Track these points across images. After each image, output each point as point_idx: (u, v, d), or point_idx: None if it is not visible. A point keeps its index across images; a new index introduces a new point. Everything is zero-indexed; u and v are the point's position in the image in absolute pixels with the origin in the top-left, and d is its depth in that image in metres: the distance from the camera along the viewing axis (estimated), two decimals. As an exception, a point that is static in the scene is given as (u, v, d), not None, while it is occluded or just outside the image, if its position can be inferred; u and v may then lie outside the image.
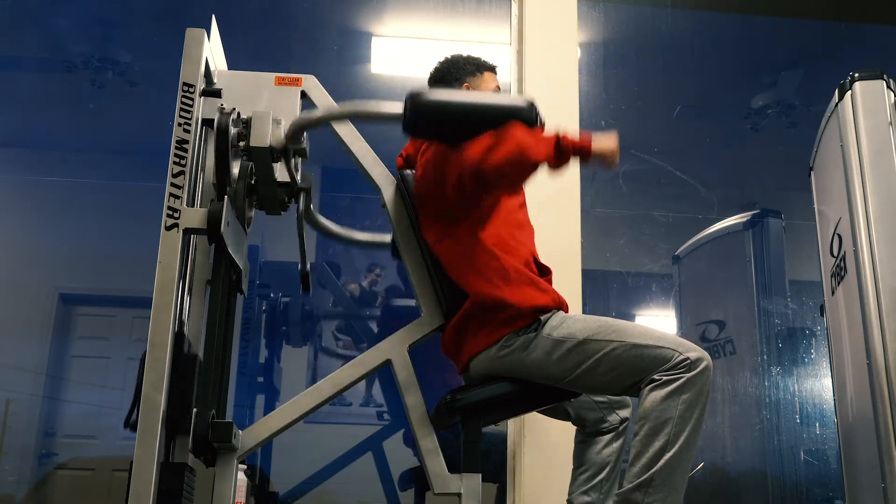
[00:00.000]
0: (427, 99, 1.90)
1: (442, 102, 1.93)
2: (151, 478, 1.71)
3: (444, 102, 1.93)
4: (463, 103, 1.94)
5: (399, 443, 3.69)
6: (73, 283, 4.54)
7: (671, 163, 4.41)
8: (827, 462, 3.85)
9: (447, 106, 1.92)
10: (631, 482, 1.86)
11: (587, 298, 3.24)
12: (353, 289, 4.02)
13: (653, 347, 1.92)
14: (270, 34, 4.36)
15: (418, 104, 1.88)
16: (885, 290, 2.30)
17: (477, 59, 2.34)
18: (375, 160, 2.21)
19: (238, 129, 1.96)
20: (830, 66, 4.72)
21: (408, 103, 1.88)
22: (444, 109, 1.91)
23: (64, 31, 4.50)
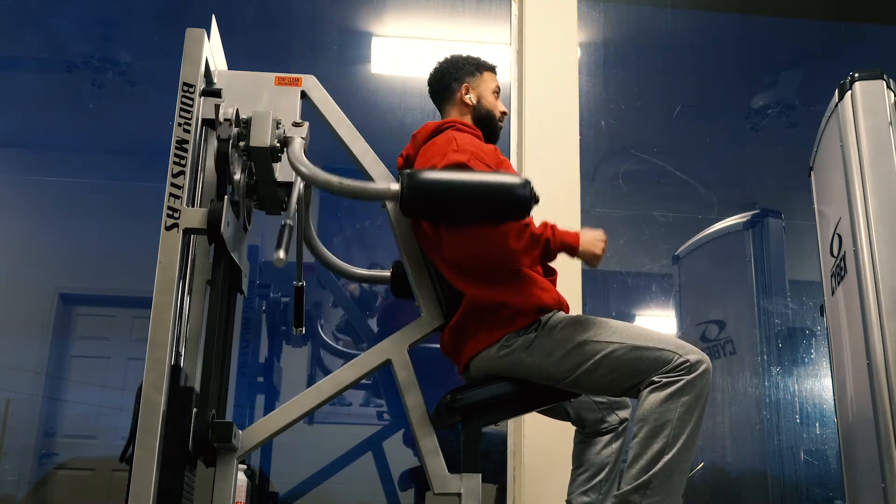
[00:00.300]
0: (423, 178, 1.91)
1: (438, 181, 1.93)
2: (151, 478, 1.71)
3: (439, 181, 1.93)
4: (459, 182, 1.94)
5: (399, 443, 3.69)
6: (73, 283, 4.54)
7: (671, 163, 4.41)
8: (827, 462, 3.85)
9: (443, 185, 1.93)
10: (629, 484, 1.86)
11: (587, 298, 3.24)
12: (353, 289, 4.02)
13: (653, 349, 1.92)
14: (270, 34, 4.36)
15: (415, 183, 1.89)
16: (885, 290, 2.30)
17: (476, 59, 2.35)
18: (375, 160, 2.21)
19: (238, 129, 1.96)
20: (830, 66, 4.72)
21: (404, 182, 1.89)
22: (440, 188, 1.92)
23: (64, 31, 4.50)
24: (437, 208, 1.94)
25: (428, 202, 1.91)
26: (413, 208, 1.91)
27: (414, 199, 1.88)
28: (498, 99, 2.33)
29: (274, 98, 2.18)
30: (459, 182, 1.94)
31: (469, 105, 2.28)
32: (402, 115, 4.10)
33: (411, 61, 4.34)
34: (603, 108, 4.02)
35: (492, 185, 1.93)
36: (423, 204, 1.91)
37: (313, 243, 2.43)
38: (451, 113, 2.29)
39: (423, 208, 1.93)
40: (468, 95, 2.28)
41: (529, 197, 1.90)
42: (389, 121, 4.13)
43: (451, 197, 1.92)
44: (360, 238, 4.16)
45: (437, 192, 1.91)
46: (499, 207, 1.91)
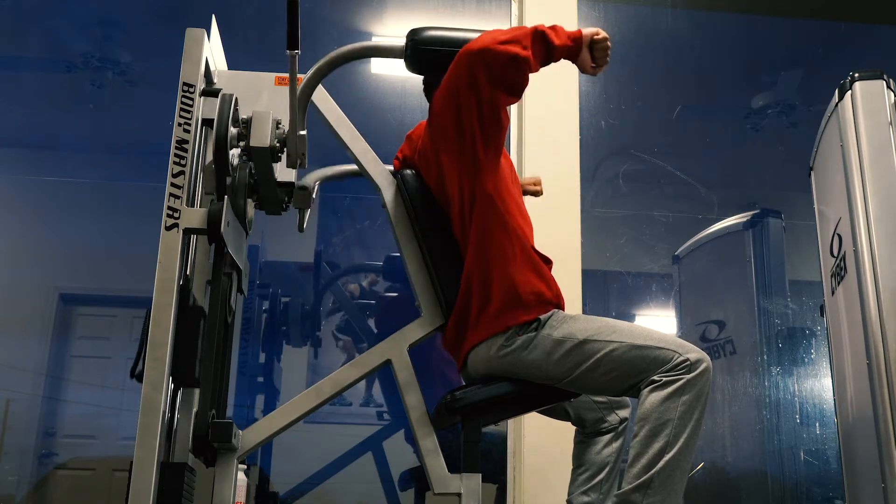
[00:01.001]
0: (426, 34, 2.06)
1: (440, 37, 2.07)
2: (151, 478, 1.71)
3: (441, 37, 2.07)
4: (460, 37, 2.05)
5: (399, 443, 3.69)
6: (73, 283, 4.54)
7: (671, 163, 4.41)
8: (827, 462, 3.85)
9: (445, 39, 2.06)
10: (630, 483, 1.86)
11: (587, 298, 3.24)
12: (353, 289, 4.02)
13: (652, 348, 1.92)
14: (270, 34, 4.36)
15: (418, 39, 2.05)
16: (885, 290, 2.30)
17: None
18: (375, 160, 2.21)
19: (238, 128, 1.96)
20: (830, 66, 4.73)
21: (408, 39, 2.05)
22: (442, 42, 2.06)
23: (64, 32, 4.51)
24: (440, 60, 2.04)
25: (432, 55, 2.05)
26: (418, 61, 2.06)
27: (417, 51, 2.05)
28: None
29: (274, 98, 2.19)
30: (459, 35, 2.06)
31: None
32: (402, 115, 4.10)
33: (411, 61, 4.33)
34: (603, 108, 4.02)
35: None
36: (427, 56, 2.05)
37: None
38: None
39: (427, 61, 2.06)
40: None
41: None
42: (389, 121, 4.14)
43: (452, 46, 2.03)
44: (361, 238, 4.16)
45: (440, 45, 2.05)
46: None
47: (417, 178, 2.15)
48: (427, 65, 2.09)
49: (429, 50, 2.05)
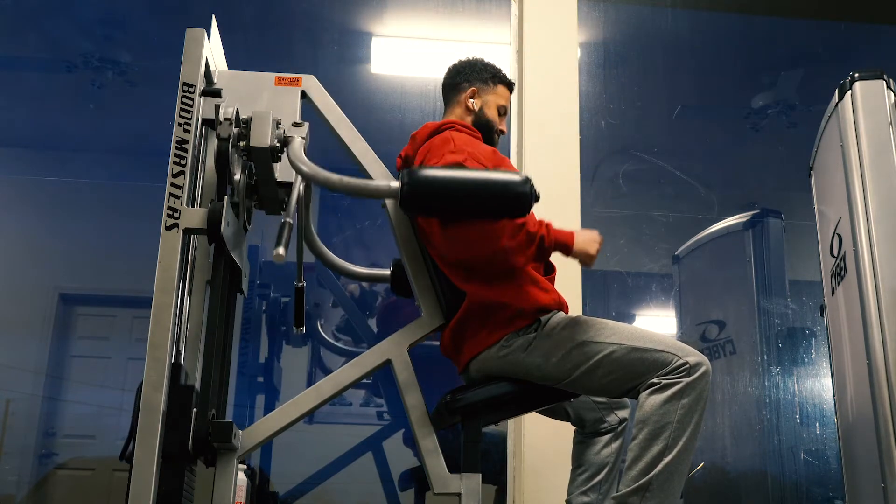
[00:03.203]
0: (423, 175, 1.90)
1: (438, 178, 1.92)
2: (151, 478, 1.71)
3: (440, 178, 1.92)
4: (459, 179, 1.93)
5: (399, 443, 3.69)
6: (73, 283, 4.54)
7: (671, 163, 4.41)
8: (827, 462, 3.85)
9: (443, 182, 1.92)
10: (628, 486, 1.86)
11: (587, 298, 3.24)
12: (353, 289, 4.02)
13: (652, 351, 1.92)
14: (270, 34, 4.36)
15: (415, 181, 1.88)
16: (885, 290, 2.30)
17: (496, 69, 2.32)
18: (375, 160, 2.21)
19: (238, 129, 1.96)
20: (830, 66, 4.72)
21: (405, 180, 1.88)
22: (440, 186, 1.91)
23: (64, 32, 4.51)
24: (438, 206, 1.93)
25: (428, 199, 1.90)
26: (413, 205, 1.91)
27: (414, 196, 1.88)
28: (502, 119, 2.30)
29: (274, 98, 2.18)
30: (460, 179, 1.93)
31: (471, 110, 2.26)
32: (402, 115, 4.10)
33: (411, 61, 4.34)
34: (603, 108, 4.02)
35: (492, 183, 1.92)
36: (423, 201, 1.90)
37: (313, 242, 2.43)
38: (454, 112, 2.29)
39: (423, 205, 1.93)
40: (472, 100, 2.27)
41: (529, 194, 1.89)
42: (389, 121, 4.13)
43: (452, 194, 1.91)
44: (360, 238, 4.16)
45: (437, 190, 1.90)
46: (499, 205, 1.90)
47: (417, 178, 2.14)
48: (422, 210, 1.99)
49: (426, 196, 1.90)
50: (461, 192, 1.91)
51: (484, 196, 1.92)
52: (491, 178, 1.94)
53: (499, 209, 1.91)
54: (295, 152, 1.93)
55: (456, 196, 1.91)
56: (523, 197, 1.88)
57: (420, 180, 1.89)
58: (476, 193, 1.92)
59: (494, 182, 1.92)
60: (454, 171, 1.96)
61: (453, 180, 1.92)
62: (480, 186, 1.92)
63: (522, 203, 1.88)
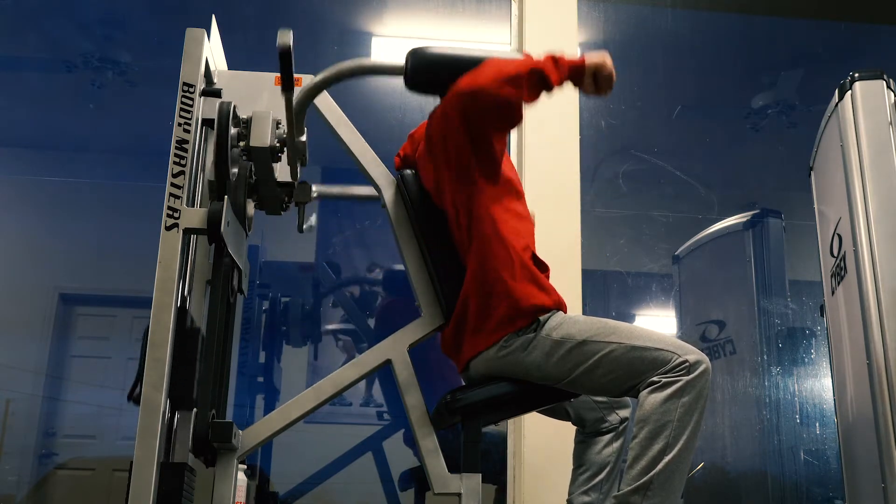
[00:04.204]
0: (426, 53, 2.01)
1: (441, 55, 2.03)
2: (151, 478, 1.71)
3: (442, 55, 2.03)
4: (461, 56, 2.02)
5: (399, 443, 3.69)
6: (73, 283, 4.54)
7: (671, 163, 4.42)
8: (827, 462, 3.85)
9: (446, 59, 2.02)
10: (629, 485, 1.86)
11: (587, 298, 3.24)
12: (353, 289, 4.02)
13: (651, 349, 1.92)
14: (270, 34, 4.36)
15: (418, 58, 2.00)
16: (885, 290, 2.30)
17: None
18: (375, 160, 2.21)
19: (238, 129, 1.96)
20: (830, 66, 4.72)
21: (409, 59, 2.00)
22: (442, 62, 2.01)
23: (64, 31, 4.51)
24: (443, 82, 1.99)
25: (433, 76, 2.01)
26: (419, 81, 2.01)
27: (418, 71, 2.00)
28: None
29: (274, 98, 2.18)
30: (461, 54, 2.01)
31: None
32: (402, 115, 4.10)
33: (411, 61, 4.33)
34: (603, 108, 4.02)
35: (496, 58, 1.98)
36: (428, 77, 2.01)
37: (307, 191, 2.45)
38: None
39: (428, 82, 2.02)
40: None
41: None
42: (389, 121, 4.13)
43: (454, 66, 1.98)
44: (361, 238, 4.16)
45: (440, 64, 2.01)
46: None
47: (417, 178, 2.15)
48: (427, 86, 2.06)
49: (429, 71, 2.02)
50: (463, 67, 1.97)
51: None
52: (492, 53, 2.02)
53: None
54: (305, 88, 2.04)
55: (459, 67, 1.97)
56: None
57: (423, 56, 2.01)
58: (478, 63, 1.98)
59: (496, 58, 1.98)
60: (457, 50, 2.05)
61: (455, 54, 2.02)
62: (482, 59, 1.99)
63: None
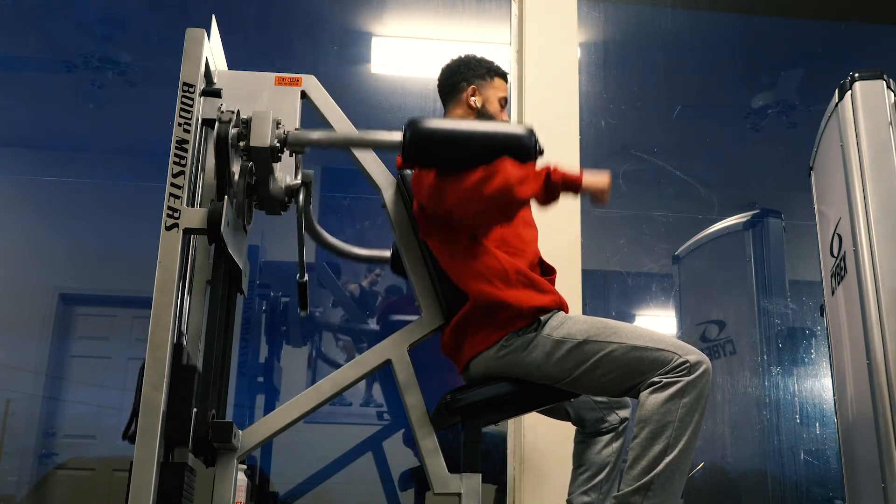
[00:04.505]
0: (426, 127, 1.90)
1: (441, 130, 1.92)
2: (151, 478, 1.71)
3: (442, 130, 1.93)
4: (462, 131, 1.93)
5: (399, 443, 3.69)
6: (73, 283, 4.54)
7: (671, 163, 4.41)
8: (827, 462, 3.85)
9: (446, 134, 1.92)
10: (630, 485, 1.86)
11: (587, 298, 3.24)
12: (353, 289, 4.02)
13: (652, 350, 1.92)
14: (270, 34, 4.36)
15: (417, 132, 1.88)
16: (885, 290, 2.30)
17: (490, 63, 2.32)
18: (375, 160, 2.21)
19: (238, 129, 1.96)
20: (830, 66, 4.72)
21: (407, 131, 1.88)
22: (442, 137, 1.91)
23: (64, 31, 4.51)
24: (441, 157, 1.93)
25: (432, 151, 1.91)
26: (416, 156, 1.91)
27: (418, 146, 1.88)
28: (503, 110, 2.31)
29: (274, 98, 2.18)
30: (463, 130, 1.93)
31: (473, 108, 2.26)
32: (402, 115, 4.10)
33: (411, 61, 4.34)
34: (603, 108, 4.02)
35: (495, 134, 1.92)
36: (426, 152, 1.91)
37: (314, 229, 2.43)
38: (455, 112, 2.28)
39: (426, 157, 1.93)
40: (474, 98, 2.27)
41: (534, 146, 1.88)
42: (389, 121, 4.13)
43: (456, 145, 1.91)
44: (361, 238, 4.16)
45: (441, 141, 1.90)
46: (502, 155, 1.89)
47: (417, 178, 2.14)
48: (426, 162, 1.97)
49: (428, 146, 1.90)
50: (463, 143, 1.91)
51: (487, 147, 1.90)
52: (495, 129, 1.95)
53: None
54: (297, 135, 1.94)
55: (460, 147, 1.90)
56: (527, 148, 1.87)
57: (424, 131, 1.89)
58: (479, 144, 1.91)
59: (498, 133, 1.92)
60: (457, 123, 1.98)
61: (456, 132, 1.93)
62: (483, 137, 1.92)
63: (526, 154, 1.87)
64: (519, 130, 1.90)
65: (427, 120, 1.92)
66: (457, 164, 1.92)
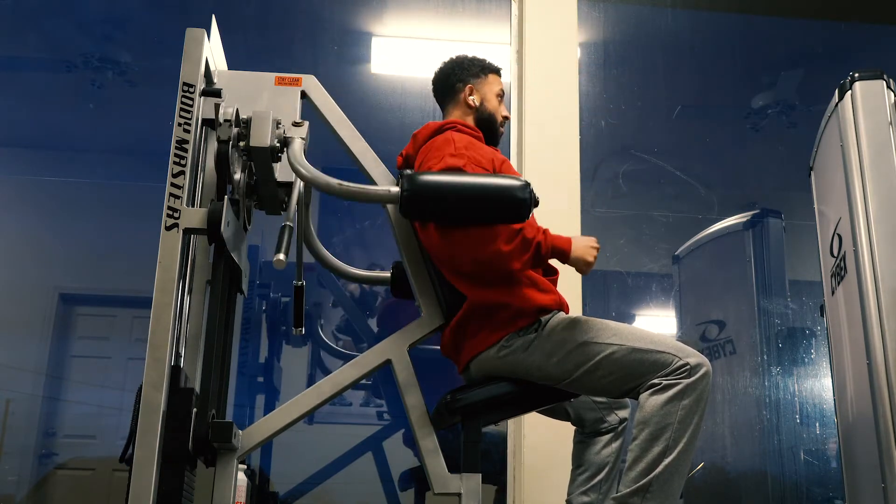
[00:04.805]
0: (423, 181, 1.92)
1: (438, 184, 1.94)
2: (151, 478, 1.71)
3: (440, 184, 1.94)
4: (459, 185, 1.95)
5: (399, 443, 3.69)
6: (73, 283, 4.54)
7: (671, 163, 4.41)
8: (827, 462, 3.85)
9: (443, 187, 1.94)
10: (629, 486, 1.86)
11: (587, 298, 3.24)
12: (353, 289, 4.02)
13: (652, 352, 1.92)
14: (270, 34, 4.36)
15: (414, 186, 1.90)
16: (885, 290, 2.30)
17: (482, 61, 2.33)
18: (375, 160, 2.21)
19: (238, 129, 1.96)
20: (830, 66, 4.72)
21: (404, 185, 1.90)
22: (439, 191, 1.93)
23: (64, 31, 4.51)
24: (437, 211, 1.94)
25: (428, 205, 1.92)
26: (413, 211, 1.93)
27: (414, 201, 1.90)
28: (501, 103, 2.32)
29: (274, 98, 2.18)
30: (459, 185, 1.94)
31: (472, 107, 2.27)
32: (402, 115, 4.10)
33: (411, 61, 4.34)
34: (603, 108, 4.02)
35: (491, 188, 1.93)
36: (422, 206, 1.92)
37: (313, 244, 2.43)
38: (454, 113, 2.29)
39: (422, 211, 1.94)
40: (472, 97, 2.27)
41: (529, 200, 1.90)
42: (389, 121, 4.13)
43: (451, 200, 1.93)
44: (360, 238, 4.16)
45: (436, 195, 1.92)
46: (498, 210, 1.92)
47: (417, 178, 2.14)
48: (422, 215, 1.99)
49: (426, 198, 1.92)
50: (460, 198, 1.93)
51: (483, 201, 1.93)
52: (490, 183, 1.95)
53: (498, 214, 1.93)
54: (295, 155, 1.93)
55: (455, 201, 1.92)
56: (522, 202, 1.90)
57: (420, 186, 1.91)
58: (475, 198, 1.93)
59: (493, 187, 1.93)
60: (453, 177, 1.97)
61: (452, 186, 1.94)
62: (480, 191, 1.93)
63: (521, 208, 1.90)
64: (515, 184, 1.92)
65: (424, 175, 1.95)
66: (455, 216, 1.95)
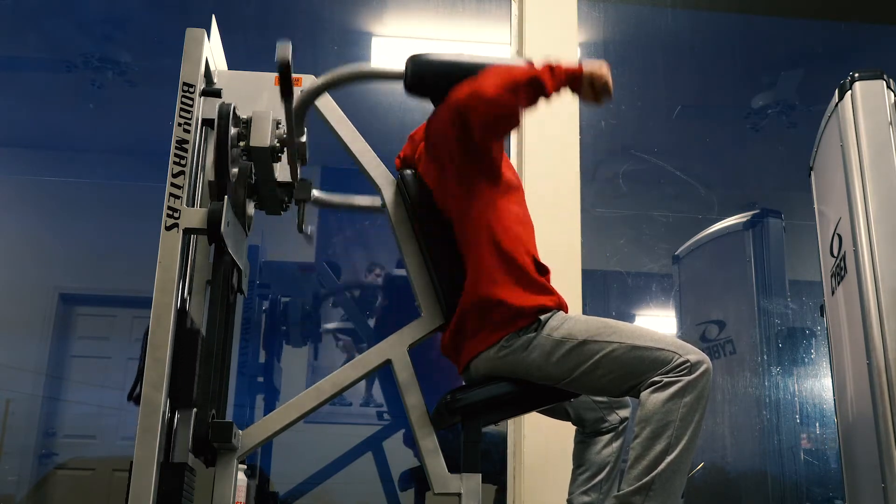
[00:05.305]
0: (427, 59, 2.02)
1: (440, 62, 2.04)
2: (151, 478, 1.71)
3: (441, 62, 2.04)
4: (460, 62, 2.02)
5: (399, 443, 3.69)
6: (73, 283, 4.54)
7: (671, 163, 4.42)
8: (827, 462, 3.85)
9: (445, 65, 2.03)
10: (631, 485, 1.85)
11: (587, 298, 3.24)
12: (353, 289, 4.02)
13: (652, 349, 1.92)
14: (270, 34, 4.36)
15: (418, 64, 2.02)
16: (885, 290, 2.30)
17: None
18: (375, 160, 2.21)
19: (238, 129, 1.96)
20: (830, 66, 4.73)
21: (408, 64, 2.02)
22: (441, 68, 2.02)
23: (64, 31, 4.51)
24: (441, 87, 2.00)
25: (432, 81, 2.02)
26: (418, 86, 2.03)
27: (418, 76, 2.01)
28: None
29: (274, 98, 2.18)
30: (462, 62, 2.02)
31: None
32: (402, 115, 4.10)
33: (411, 61, 4.33)
34: (603, 108, 4.02)
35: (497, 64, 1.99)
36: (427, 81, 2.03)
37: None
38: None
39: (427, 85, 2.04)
40: None
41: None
42: (389, 121, 4.14)
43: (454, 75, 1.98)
44: (361, 238, 4.16)
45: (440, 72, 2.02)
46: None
47: (417, 178, 2.15)
48: (426, 91, 2.08)
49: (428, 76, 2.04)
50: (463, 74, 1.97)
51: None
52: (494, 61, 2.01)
53: None
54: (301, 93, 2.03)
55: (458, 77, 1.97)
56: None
57: (423, 62, 2.03)
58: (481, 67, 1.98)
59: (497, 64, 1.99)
60: (456, 56, 2.05)
61: (455, 63, 2.03)
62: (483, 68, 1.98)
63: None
64: (518, 62, 2.00)
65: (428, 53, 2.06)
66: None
